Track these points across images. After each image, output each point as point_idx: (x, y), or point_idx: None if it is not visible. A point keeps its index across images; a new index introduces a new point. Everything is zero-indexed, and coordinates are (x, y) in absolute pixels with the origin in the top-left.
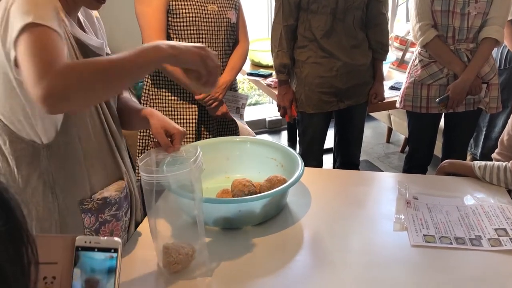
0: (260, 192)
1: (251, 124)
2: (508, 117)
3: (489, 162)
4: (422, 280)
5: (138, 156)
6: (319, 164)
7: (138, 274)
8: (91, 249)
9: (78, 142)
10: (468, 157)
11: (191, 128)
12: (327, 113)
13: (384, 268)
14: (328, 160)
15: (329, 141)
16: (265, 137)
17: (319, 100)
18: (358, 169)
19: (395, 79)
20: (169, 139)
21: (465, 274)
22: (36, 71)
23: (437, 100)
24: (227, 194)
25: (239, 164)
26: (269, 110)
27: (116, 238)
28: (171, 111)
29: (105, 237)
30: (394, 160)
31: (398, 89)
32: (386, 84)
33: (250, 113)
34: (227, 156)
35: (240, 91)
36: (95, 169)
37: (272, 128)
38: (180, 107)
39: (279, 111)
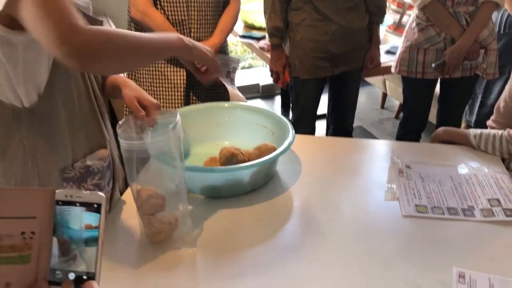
0: (249, 160)
1: (244, 89)
2: (504, 84)
3: (484, 130)
4: (413, 251)
5: None
6: (312, 131)
7: (121, 244)
8: (73, 203)
9: (62, 107)
10: (463, 125)
11: (179, 93)
12: (321, 78)
13: (375, 239)
14: (321, 126)
15: (323, 107)
16: (258, 102)
17: (313, 65)
18: (352, 136)
19: (391, 43)
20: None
21: (456, 245)
22: (62, 27)
23: (433, 65)
24: (215, 162)
25: (228, 131)
26: (263, 75)
27: (100, 193)
28: (158, 75)
29: (88, 191)
30: (388, 126)
31: (394, 53)
32: (382, 48)
33: (243, 78)
34: (217, 122)
35: (232, 54)
36: (78, 136)
37: (266, 93)
38: (167, 71)
39: (271, 76)
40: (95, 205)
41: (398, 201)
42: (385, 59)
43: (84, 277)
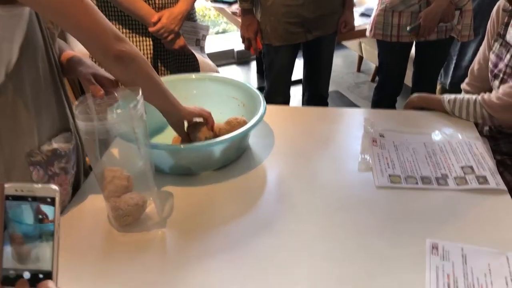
0: (219, 135)
1: (218, 55)
2: (479, 45)
3: (458, 96)
4: (387, 223)
5: None
6: (287, 98)
7: (87, 227)
8: (24, 198)
9: (28, 86)
10: (438, 87)
11: None
12: (294, 45)
13: (348, 211)
14: (297, 92)
15: (299, 73)
16: (233, 69)
17: (286, 31)
18: (327, 102)
19: (366, 5)
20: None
21: (430, 215)
22: (105, 50)
23: (408, 28)
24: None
25: (197, 104)
26: (238, 40)
27: (53, 186)
28: None
29: (40, 184)
30: (364, 90)
31: (369, 16)
32: (357, 11)
33: (217, 43)
34: (185, 95)
35: (205, 19)
36: (43, 117)
37: (241, 59)
38: (133, 41)
39: (243, 43)
40: (49, 199)
41: (372, 172)
42: (360, 22)
43: (40, 275)
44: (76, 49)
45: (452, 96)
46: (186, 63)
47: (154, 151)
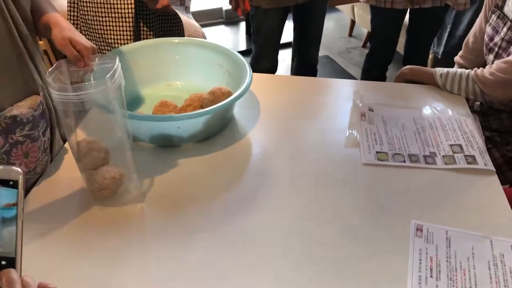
0: (202, 106)
1: (206, 14)
2: (474, 15)
3: (451, 69)
4: (371, 202)
5: None
6: (274, 63)
7: (62, 199)
8: None
9: None
10: (430, 56)
11: (127, 24)
12: (284, 8)
13: (333, 188)
14: (286, 56)
15: (288, 36)
16: (222, 29)
17: None
18: (316, 69)
19: None
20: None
21: (416, 195)
22: None
23: None
24: (166, 107)
25: (180, 70)
26: None
27: (16, 168)
28: (103, 3)
29: (1, 166)
30: (355, 55)
31: None
32: None
33: (205, 1)
34: (168, 60)
35: None
36: (1, 81)
37: (229, 19)
38: (114, 0)
39: (230, 3)
40: (11, 182)
41: (359, 148)
42: None
43: (3, 262)
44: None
45: (445, 70)
46: (170, 23)
47: (133, 121)
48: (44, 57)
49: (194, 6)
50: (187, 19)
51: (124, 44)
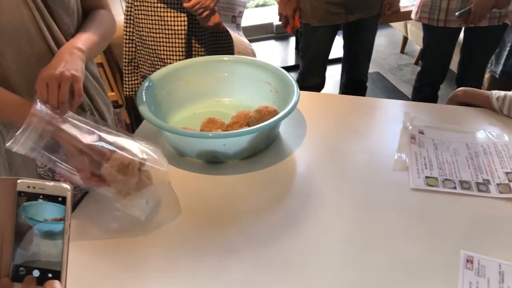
0: (248, 124)
1: (257, 28)
2: None
3: (509, 93)
4: (419, 229)
5: (125, 68)
6: (322, 80)
7: (104, 216)
8: (36, 196)
9: (17, 71)
10: (487, 75)
11: (180, 41)
12: (334, 25)
13: (379, 213)
14: (335, 72)
15: (337, 51)
16: (272, 44)
17: (326, 11)
18: (366, 86)
19: None
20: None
21: (467, 224)
22: None
23: (456, 14)
24: (213, 123)
25: (229, 87)
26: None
27: (65, 185)
28: (158, 20)
29: (52, 183)
30: (407, 73)
31: None
32: None
33: (256, 16)
34: (216, 77)
35: None
36: None
37: (280, 33)
38: (167, 16)
39: (280, 20)
40: (60, 198)
41: (408, 172)
42: (406, 3)
43: (50, 275)
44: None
45: (502, 93)
46: (221, 40)
47: (181, 137)
48: (100, 69)
49: (245, 21)
50: (237, 37)
51: (176, 60)
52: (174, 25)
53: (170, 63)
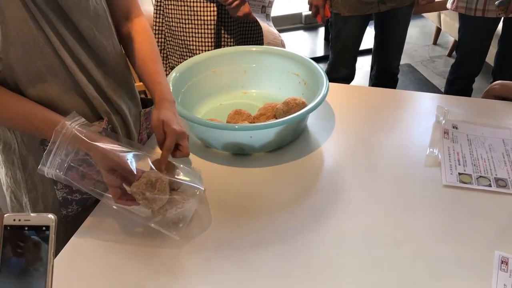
0: (275, 116)
1: (285, 18)
2: None
3: None
4: (450, 228)
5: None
6: (352, 71)
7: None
8: (21, 228)
9: (29, 85)
10: None
11: (209, 31)
12: (365, 15)
13: (408, 210)
14: (365, 62)
15: (368, 42)
16: (300, 34)
17: (357, 0)
18: (397, 79)
19: None
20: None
21: (502, 224)
22: None
23: (496, 2)
24: (240, 115)
25: (257, 79)
26: (307, 3)
27: (49, 215)
28: (187, 10)
29: (36, 214)
30: (439, 65)
31: None
32: None
33: (285, 6)
34: (244, 68)
35: None
36: (57, 107)
37: (309, 24)
38: (196, 6)
39: (310, 10)
40: (44, 227)
41: (440, 168)
42: None
43: None
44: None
45: None
46: (250, 31)
47: (207, 128)
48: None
49: (274, 11)
50: (267, 27)
51: (205, 50)
52: (204, 16)
53: (199, 53)
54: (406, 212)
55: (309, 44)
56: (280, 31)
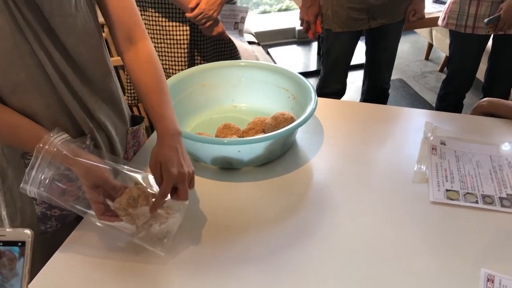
0: (264, 131)
1: (279, 33)
2: None
3: None
4: (438, 244)
5: (128, 77)
6: (343, 86)
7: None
8: None
9: (10, 95)
10: None
11: (182, 50)
12: (356, 31)
13: (396, 225)
14: (356, 77)
15: (359, 57)
16: (293, 48)
17: (348, 17)
18: (388, 94)
19: None
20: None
21: (488, 241)
22: None
23: (485, 20)
24: (229, 129)
25: (246, 92)
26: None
27: (25, 230)
28: (160, 30)
29: (12, 229)
30: (431, 80)
31: (443, 3)
32: None
33: (278, 21)
34: (234, 83)
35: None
36: (39, 119)
37: (302, 38)
38: (169, 26)
39: (301, 25)
40: (19, 243)
41: (428, 184)
42: (432, 9)
43: None
44: None
45: None
46: (224, 50)
47: (196, 143)
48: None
49: (268, 25)
50: (240, 44)
51: (178, 70)
52: (176, 35)
53: (172, 74)
54: (394, 228)
55: (302, 58)
56: (273, 45)
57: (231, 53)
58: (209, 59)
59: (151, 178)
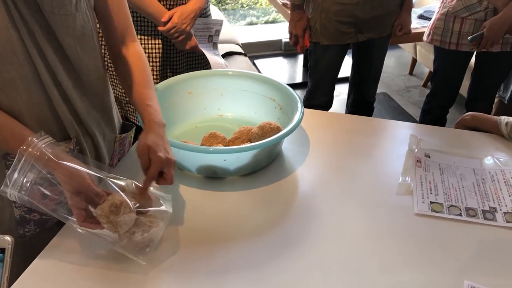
0: (250, 140)
1: (265, 45)
2: None
3: None
4: (421, 257)
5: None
6: (330, 99)
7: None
8: None
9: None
10: (496, 100)
11: (154, 63)
12: (343, 45)
13: (380, 238)
14: (342, 90)
15: (345, 70)
16: (280, 60)
17: (336, 30)
18: (373, 107)
19: (426, 6)
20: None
21: (472, 253)
22: None
23: (469, 38)
24: (215, 138)
25: (233, 102)
26: (287, 31)
27: (6, 237)
28: None
29: None
30: (415, 94)
31: (428, 18)
32: (415, 12)
33: (265, 33)
34: (221, 92)
35: (257, 6)
36: (24, 119)
37: (288, 51)
38: (141, 40)
39: (290, 39)
40: None
41: (412, 196)
42: (417, 25)
43: None
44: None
45: (511, 118)
46: (197, 63)
47: (181, 151)
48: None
49: (255, 37)
50: (213, 58)
51: None
52: (148, 49)
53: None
54: (378, 239)
55: (288, 70)
56: (260, 57)
57: (204, 66)
58: (180, 72)
59: (134, 185)
